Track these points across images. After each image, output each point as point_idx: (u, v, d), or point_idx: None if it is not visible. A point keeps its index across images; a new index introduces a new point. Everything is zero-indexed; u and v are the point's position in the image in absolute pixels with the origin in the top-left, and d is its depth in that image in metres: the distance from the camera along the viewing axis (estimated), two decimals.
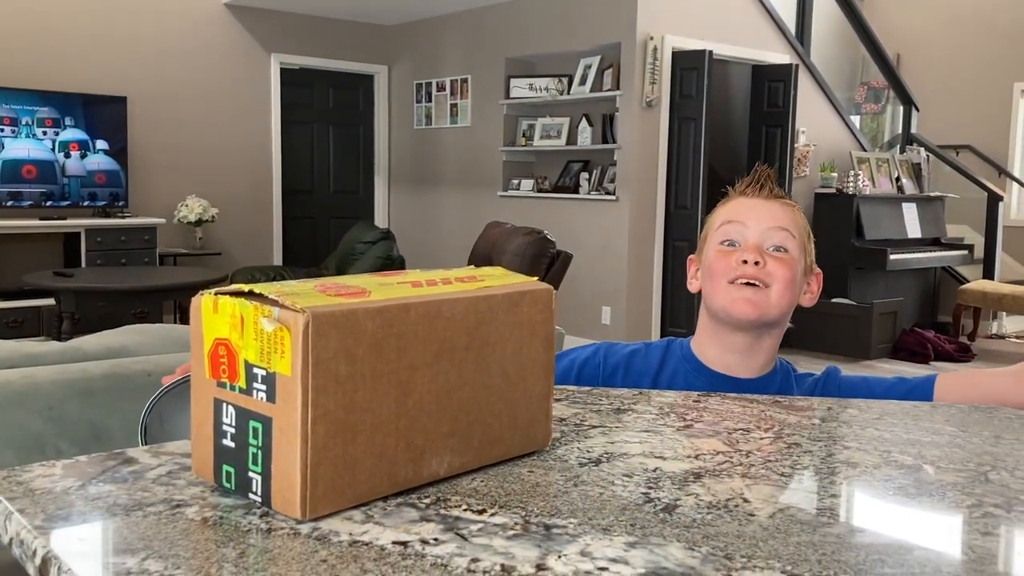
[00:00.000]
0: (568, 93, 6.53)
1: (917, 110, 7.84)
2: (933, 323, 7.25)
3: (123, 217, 6.44)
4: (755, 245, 1.21)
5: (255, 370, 0.67)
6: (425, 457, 0.73)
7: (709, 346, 1.27)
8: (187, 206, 6.69)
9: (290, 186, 7.75)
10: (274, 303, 0.66)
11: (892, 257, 6.70)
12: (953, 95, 8.58)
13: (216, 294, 0.69)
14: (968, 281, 7.26)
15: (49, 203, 6.24)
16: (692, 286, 1.32)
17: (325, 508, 0.67)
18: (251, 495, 0.69)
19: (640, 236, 6.13)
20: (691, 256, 1.34)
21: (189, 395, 1.21)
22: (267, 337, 0.66)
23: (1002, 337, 7.41)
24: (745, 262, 1.20)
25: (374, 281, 0.75)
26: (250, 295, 0.68)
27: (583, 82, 6.43)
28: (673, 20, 6.14)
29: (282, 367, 0.65)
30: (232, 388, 0.69)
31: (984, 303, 6.87)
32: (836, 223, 6.94)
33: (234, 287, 0.69)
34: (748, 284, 1.20)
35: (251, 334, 0.67)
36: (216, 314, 0.69)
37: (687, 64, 6.07)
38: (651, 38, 5.99)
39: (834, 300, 6.69)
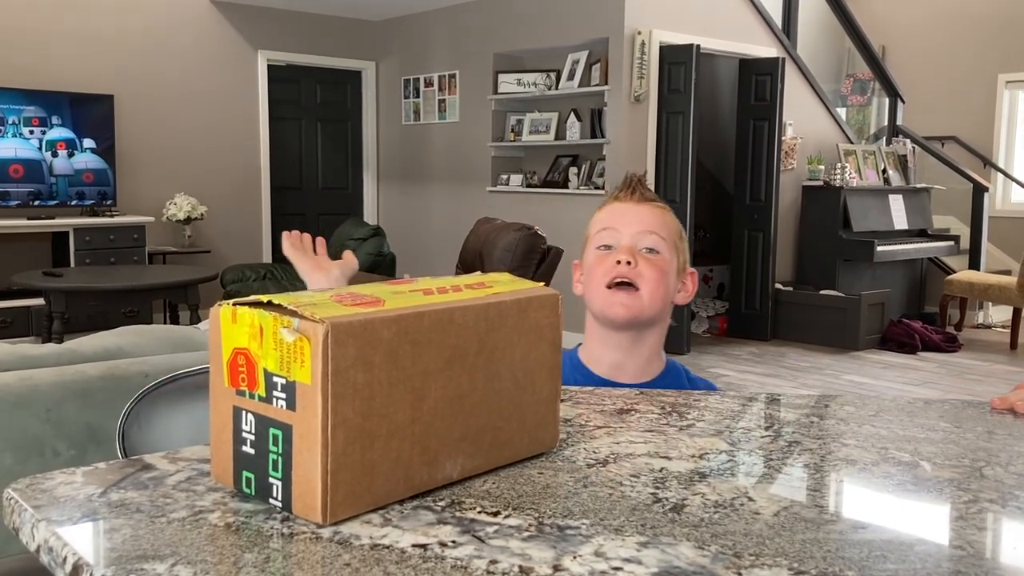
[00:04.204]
0: (556, 88, 6.54)
1: (903, 102, 7.89)
2: (920, 314, 7.32)
3: (111, 216, 6.42)
4: (627, 247, 1.31)
5: (275, 379, 0.69)
6: (439, 461, 0.75)
7: (595, 348, 1.37)
8: (175, 204, 6.67)
9: (279, 183, 7.74)
10: (293, 314, 0.68)
11: (879, 249, 6.75)
12: (938, 87, 8.64)
13: (235, 304, 0.71)
14: (954, 272, 7.33)
15: (37, 202, 6.22)
16: (576, 289, 1.40)
17: (345, 512, 0.69)
18: (271, 500, 0.71)
19: None
20: (575, 261, 1.42)
21: (165, 400, 1.23)
22: (287, 347, 0.67)
23: (988, 327, 7.48)
24: (619, 263, 1.29)
25: (387, 290, 0.76)
26: (269, 306, 0.69)
27: (571, 77, 6.44)
28: (660, 14, 6.16)
29: (302, 376, 0.67)
30: (251, 396, 0.71)
31: (970, 293, 6.93)
32: (823, 215, 6.99)
33: (252, 298, 0.71)
34: (621, 285, 1.29)
35: (270, 344, 0.69)
36: (235, 324, 0.71)
37: (675, 58, 6.10)
38: (639, 33, 6.01)
39: (822, 292, 6.74)
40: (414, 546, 0.65)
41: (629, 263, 1.29)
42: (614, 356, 1.34)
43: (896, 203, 7.27)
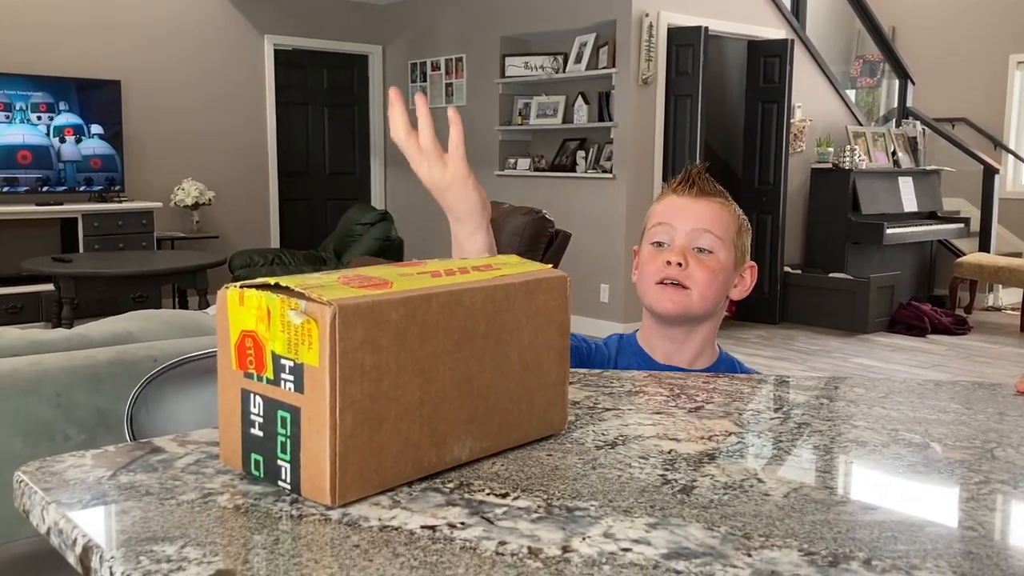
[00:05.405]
0: (564, 71, 6.51)
1: (913, 83, 7.84)
2: (930, 296, 7.29)
3: (120, 202, 6.44)
4: (680, 247, 1.31)
5: (283, 361, 0.69)
6: (448, 443, 0.75)
7: (651, 336, 1.38)
8: (183, 189, 6.68)
9: (286, 168, 7.74)
10: (300, 296, 0.67)
11: (889, 231, 6.72)
12: (948, 68, 8.57)
13: (242, 287, 0.71)
14: (964, 254, 7.29)
15: (45, 188, 6.24)
16: (635, 276, 1.40)
17: (353, 494, 0.69)
18: (280, 483, 0.71)
19: (637, 214, 6.14)
20: (635, 247, 1.41)
21: (172, 384, 1.24)
22: (294, 329, 0.67)
23: (998, 309, 7.46)
24: (669, 263, 1.30)
25: (395, 272, 0.76)
26: (276, 288, 0.69)
27: (579, 60, 6.41)
28: None
29: (310, 358, 0.67)
30: (259, 379, 0.71)
31: (980, 276, 6.90)
32: (833, 198, 6.96)
33: (260, 280, 0.71)
34: (672, 284, 1.30)
35: (278, 326, 0.68)
36: (242, 307, 0.71)
37: (682, 41, 6.06)
38: (646, 15, 5.98)
39: (831, 275, 6.72)
40: (423, 527, 0.65)
41: (680, 264, 1.29)
42: (667, 346, 1.36)
43: (906, 185, 7.23)
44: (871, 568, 0.59)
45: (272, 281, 0.70)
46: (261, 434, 0.72)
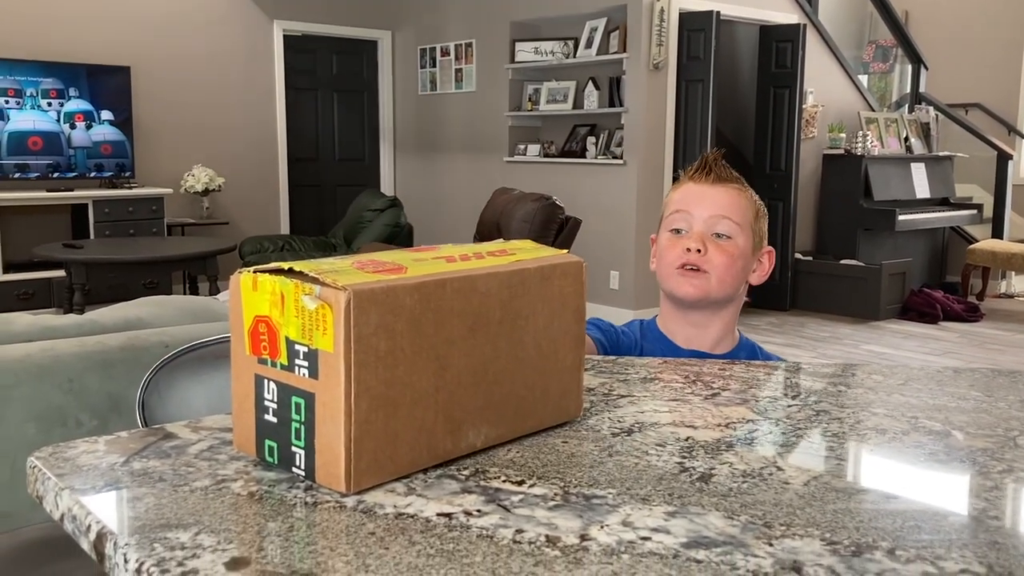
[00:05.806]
0: (574, 56, 6.48)
1: (926, 68, 7.76)
2: (942, 283, 7.24)
3: (130, 188, 6.44)
4: (699, 233, 1.32)
5: (297, 347, 0.68)
6: (463, 429, 0.74)
7: (671, 322, 1.39)
8: (193, 176, 6.68)
9: (295, 154, 7.73)
10: (315, 281, 0.67)
11: (901, 218, 6.68)
12: (962, 53, 8.49)
13: (256, 272, 0.70)
14: (977, 241, 7.24)
15: (56, 174, 6.24)
16: (651, 265, 1.42)
17: (368, 481, 0.68)
18: (294, 469, 0.70)
19: (648, 200, 6.12)
20: (652, 235, 1.43)
21: (184, 369, 1.23)
22: (308, 314, 0.66)
23: (1011, 296, 7.41)
24: (688, 250, 1.31)
25: (409, 257, 0.75)
26: (290, 273, 0.68)
27: (589, 45, 6.37)
28: None
29: (324, 344, 0.66)
30: (273, 365, 0.70)
31: (993, 262, 6.85)
32: (844, 184, 6.91)
33: (273, 265, 0.70)
34: (691, 269, 1.31)
35: (292, 311, 0.68)
36: (256, 292, 0.70)
37: (694, 25, 6.02)
38: None
39: (843, 261, 6.68)
40: (439, 515, 0.64)
41: (699, 251, 1.30)
42: (687, 331, 1.37)
43: (918, 171, 7.18)
44: (895, 558, 0.58)
45: (286, 266, 0.69)
46: (275, 420, 0.71)
